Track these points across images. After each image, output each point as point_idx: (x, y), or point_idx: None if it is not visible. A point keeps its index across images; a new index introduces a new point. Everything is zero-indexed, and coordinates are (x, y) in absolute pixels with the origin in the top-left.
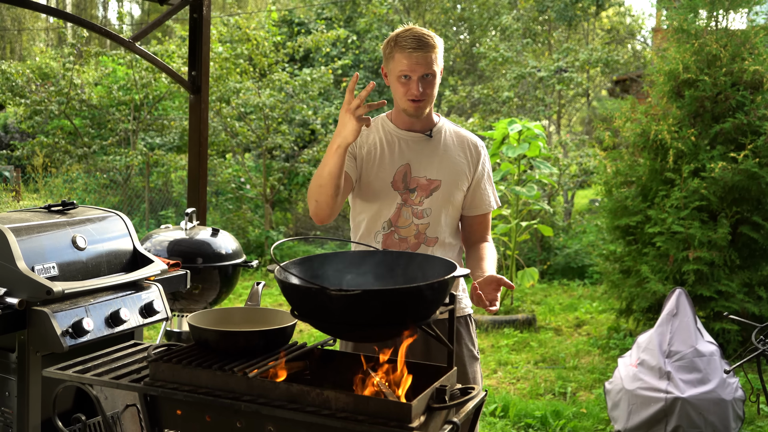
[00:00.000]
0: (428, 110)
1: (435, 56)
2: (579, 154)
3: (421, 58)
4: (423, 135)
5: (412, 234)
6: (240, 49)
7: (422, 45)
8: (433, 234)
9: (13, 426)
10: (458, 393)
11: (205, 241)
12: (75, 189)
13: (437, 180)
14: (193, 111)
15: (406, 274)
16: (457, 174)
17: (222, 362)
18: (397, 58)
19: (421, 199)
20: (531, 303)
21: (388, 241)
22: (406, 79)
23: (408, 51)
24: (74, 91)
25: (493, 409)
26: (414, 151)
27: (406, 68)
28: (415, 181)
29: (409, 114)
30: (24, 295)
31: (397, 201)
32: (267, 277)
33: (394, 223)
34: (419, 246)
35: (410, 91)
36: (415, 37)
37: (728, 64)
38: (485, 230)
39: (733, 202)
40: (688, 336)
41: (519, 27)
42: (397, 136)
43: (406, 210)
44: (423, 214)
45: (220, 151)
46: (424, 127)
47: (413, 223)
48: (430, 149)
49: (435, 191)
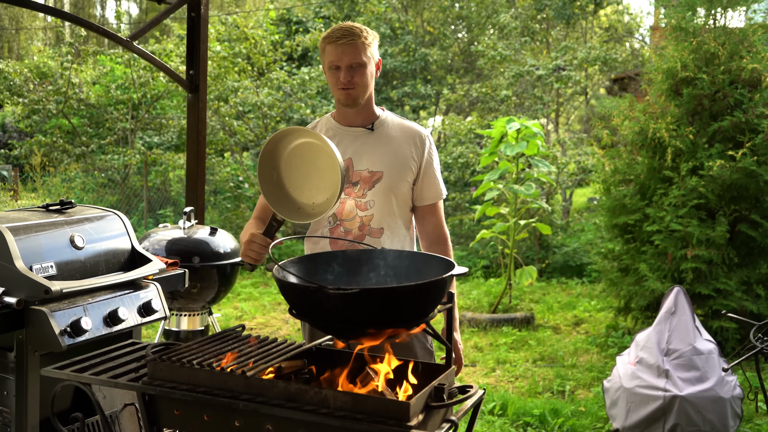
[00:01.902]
0: (362, 100)
1: (363, 46)
2: (577, 152)
3: (347, 47)
4: (365, 129)
5: (356, 226)
6: (238, 48)
7: (348, 35)
8: (378, 225)
9: (12, 425)
10: (456, 391)
11: (203, 240)
12: (73, 188)
13: (379, 171)
14: (191, 110)
15: (404, 272)
16: (401, 165)
17: (220, 361)
18: (327, 50)
19: (364, 192)
20: (529, 301)
21: (334, 234)
22: (336, 70)
23: (335, 42)
24: (72, 90)
25: (491, 407)
26: (355, 145)
27: (334, 58)
28: (357, 174)
29: (342, 103)
30: (22, 295)
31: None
32: (265, 276)
33: (339, 216)
34: (364, 237)
35: (339, 80)
36: (342, 29)
37: (726, 62)
38: (438, 218)
39: (731, 200)
40: (686, 334)
41: (517, 25)
42: (340, 132)
43: (349, 203)
44: (366, 206)
45: (218, 150)
46: (365, 121)
47: (357, 215)
48: (372, 142)
49: (377, 183)
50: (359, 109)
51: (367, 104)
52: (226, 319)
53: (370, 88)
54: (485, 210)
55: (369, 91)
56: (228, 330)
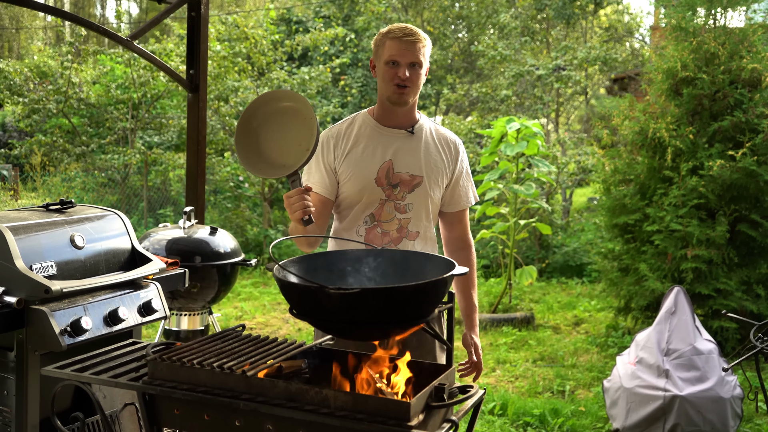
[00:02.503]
0: (411, 102)
1: (423, 49)
2: (577, 152)
3: (410, 45)
4: (405, 131)
5: (394, 228)
6: (238, 48)
7: (412, 34)
8: (415, 228)
9: (12, 425)
10: (456, 391)
11: (203, 240)
12: (73, 188)
13: (419, 176)
14: (191, 109)
15: (405, 272)
16: (437, 171)
17: (221, 361)
18: (387, 45)
19: (404, 195)
20: (529, 301)
21: (370, 235)
22: (394, 65)
23: (398, 38)
24: (72, 89)
25: (491, 407)
26: (396, 147)
27: (395, 52)
28: (397, 176)
29: (392, 101)
30: (22, 294)
31: (381, 196)
32: (266, 276)
33: (377, 217)
34: (401, 240)
35: (398, 75)
36: (406, 28)
37: (726, 62)
38: (464, 226)
39: (731, 200)
40: (686, 334)
41: (517, 25)
42: (379, 133)
43: (389, 205)
44: (405, 209)
45: (218, 150)
46: (406, 123)
47: (396, 218)
48: (412, 145)
49: (417, 187)
50: (405, 110)
51: (413, 107)
52: (226, 319)
53: (419, 91)
54: (485, 210)
55: (417, 94)
56: (228, 330)
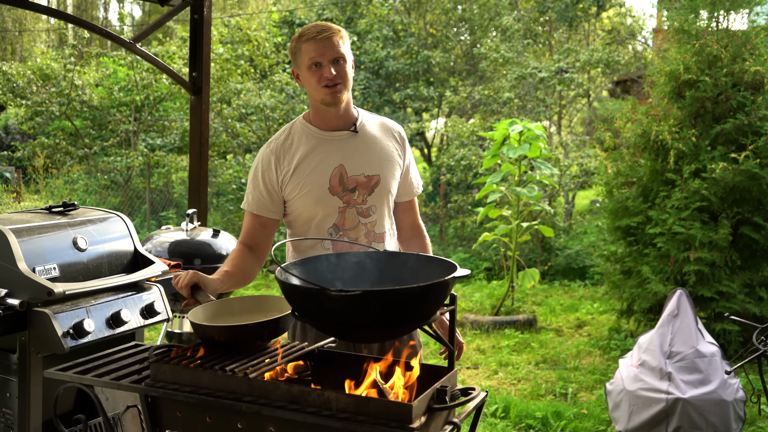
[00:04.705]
0: (346, 99)
1: (341, 41)
2: (580, 154)
3: (327, 41)
4: (348, 131)
5: (362, 234)
6: (241, 50)
7: (326, 30)
8: (381, 230)
9: (15, 427)
10: (459, 394)
11: (206, 242)
12: (76, 190)
13: (376, 175)
14: (193, 112)
15: (407, 274)
16: (391, 163)
17: (223, 363)
18: (304, 49)
19: (364, 197)
20: (532, 304)
21: (338, 246)
22: (318, 67)
23: (313, 38)
24: (75, 92)
25: (494, 410)
26: (344, 150)
27: (314, 54)
28: (353, 180)
29: (326, 103)
30: (25, 296)
31: (339, 205)
32: (268, 278)
33: (341, 227)
34: (370, 245)
35: (324, 76)
36: (317, 25)
37: (729, 65)
38: (416, 212)
39: (734, 203)
40: (689, 337)
41: (520, 28)
42: (322, 138)
43: (350, 211)
44: (369, 212)
45: (221, 152)
46: (347, 123)
47: (360, 223)
48: (360, 145)
49: (376, 187)
50: (341, 110)
51: (349, 104)
52: None
53: (351, 85)
54: (488, 212)
55: (350, 89)
56: None
